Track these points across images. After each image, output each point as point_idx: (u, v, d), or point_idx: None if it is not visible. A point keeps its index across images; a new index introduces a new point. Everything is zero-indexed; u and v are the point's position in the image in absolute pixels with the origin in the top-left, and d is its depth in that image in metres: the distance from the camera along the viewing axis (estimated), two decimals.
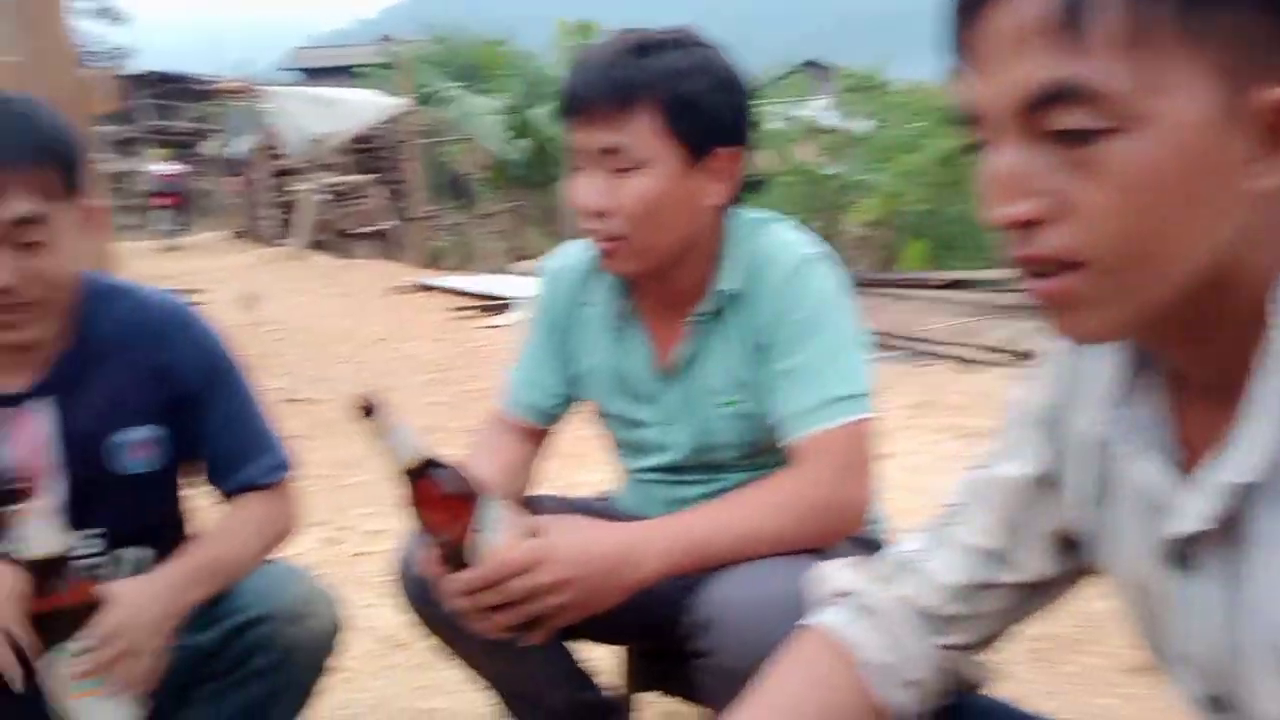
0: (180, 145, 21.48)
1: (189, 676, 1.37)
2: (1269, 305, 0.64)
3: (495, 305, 7.15)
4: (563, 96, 1.29)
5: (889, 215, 13.62)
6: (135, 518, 1.40)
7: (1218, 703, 0.72)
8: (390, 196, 14.80)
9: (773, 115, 14.32)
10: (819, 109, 18.02)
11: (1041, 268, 0.64)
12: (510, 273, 11.92)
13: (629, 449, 1.50)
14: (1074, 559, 0.87)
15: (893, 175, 14.08)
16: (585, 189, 1.28)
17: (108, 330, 1.38)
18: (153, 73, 28.34)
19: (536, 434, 1.52)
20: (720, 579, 1.21)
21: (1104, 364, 0.76)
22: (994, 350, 6.15)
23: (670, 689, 1.70)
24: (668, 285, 1.36)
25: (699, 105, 1.26)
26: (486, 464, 1.42)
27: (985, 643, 0.92)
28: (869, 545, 1.42)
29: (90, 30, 28.47)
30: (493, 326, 6.52)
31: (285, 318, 7.25)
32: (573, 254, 1.49)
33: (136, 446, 1.38)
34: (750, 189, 1.38)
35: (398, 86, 15.27)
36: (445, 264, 15.01)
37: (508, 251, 16.33)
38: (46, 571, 1.15)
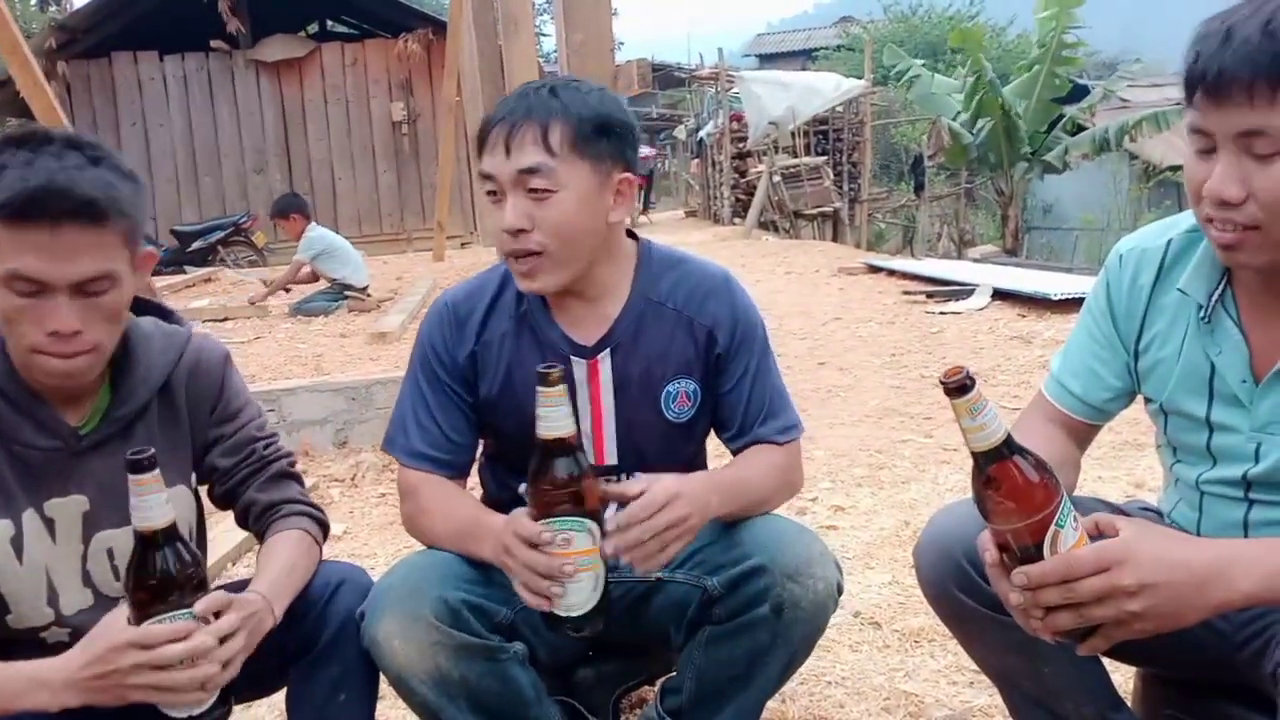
0: (653, 130, 23.34)
1: (699, 615, 1.49)
2: None
3: (948, 291, 6.92)
4: (1188, 72, 1.15)
5: None
6: (669, 460, 1.54)
7: None
8: (841, 178, 14.91)
9: None
10: None
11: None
12: (964, 258, 11.48)
13: (1195, 455, 1.35)
14: None
15: None
16: (1215, 177, 1.14)
17: (662, 293, 1.54)
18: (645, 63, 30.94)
19: (1081, 428, 1.43)
20: None
21: None
22: None
23: None
24: (1275, 274, 1.20)
25: None
26: (1026, 444, 1.37)
27: None
28: None
29: None
30: (948, 313, 6.32)
31: None
32: (1151, 235, 1.37)
33: (681, 397, 1.54)
34: None
35: (858, 68, 15.29)
36: (885, 246, 14.84)
37: (953, 235, 15.75)
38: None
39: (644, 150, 18.50)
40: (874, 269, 8.66)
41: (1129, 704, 1.57)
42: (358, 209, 13.45)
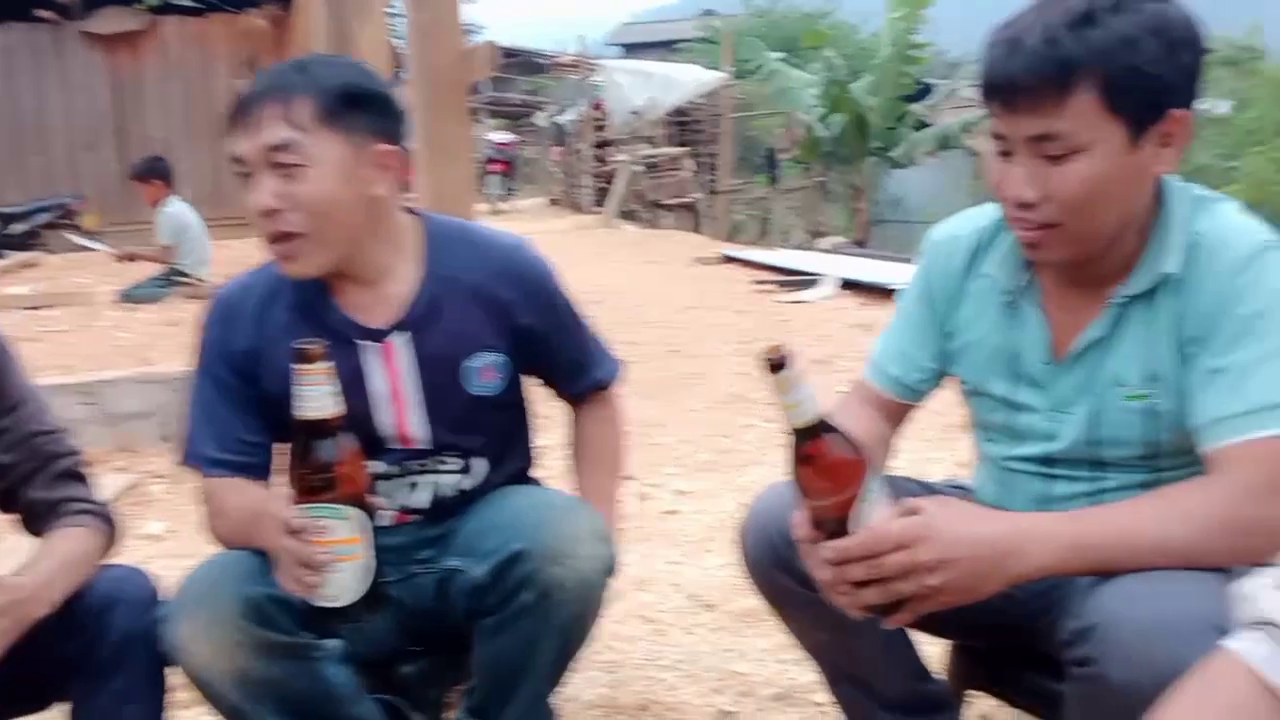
0: (513, 116, 23.09)
1: (471, 606, 1.42)
2: None
3: (798, 281, 7.10)
4: (984, 80, 1.19)
5: (1257, 206, 12.10)
6: (484, 434, 1.52)
7: None
8: (700, 169, 15.10)
9: None
10: None
11: None
12: (813, 248, 11.82)
13: (1001, 434, 1.41)
14: None
15: (1266, 160, 12.47)
16: (1013, 180, 1.19)
17: (455, 267, 1.49)
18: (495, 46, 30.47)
19: (897, 409, 1.48)
20: (1113, 586, 1.11)
21: None
22: None
23: (998, 691, 1.61)
24: (1083, 262, 1.25)
25: (1148, 74, 1.13)
26: (847, 428, 1.40)
27: None
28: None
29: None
30: (796, 302, 6.49)
31: (599, 282, 7.60)
32: (963, 222, 1.43)
33: (486, 370, 1.51)
34: None
35: (718, 60, 15.50)
36: (742, 237, 15.13)
37: (806, 227, 16.19)
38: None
39: (505, 137, 18.53)
40: (729, 259, 8.82)
41: (944, 675, 1.64)
42: (197, 190, 12.78)
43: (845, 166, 15.02)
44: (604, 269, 8.35)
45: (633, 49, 32.40)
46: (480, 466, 1.54)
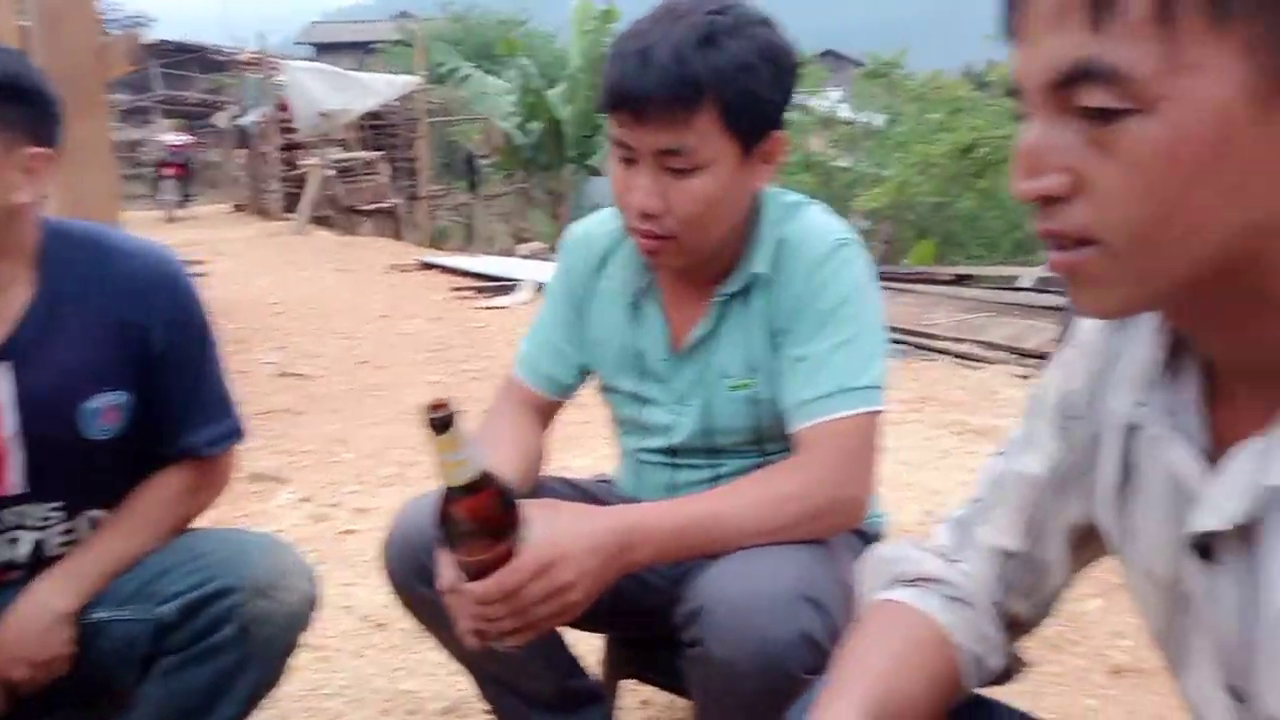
0: (192, 116, 21.45)
1: (151, 649, 1.34)
2: None
3: (496, 286, 7.11)
4: (610, 89, 1.20)
5: (896, 207, 13.52)
6: (101, 481, 1.37)
7: (1235, 692, 0.70)
8: (398, 174, 14.76)
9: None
10: (835, 100, 17.87)
11: (1061, 241, 0.63)
12: (513, 254, 11.89)
13: (632, 428, 1.47)
14: (1094, 550, 0.87)
15: (904, 166, 13.98)
16: (638, 190, 1.22)
17: (80, 286, 1.31)
18: (168, 42, 28.19)
19: (549, 406, 1.49)
20: (715, 568, 1.18)
21: (1142, 344, 0.75)
22: (996, 347, 6.10)
23: (650, 677, 1.68)
24: (694, 265, 1.31)
25: (760, 98, 1.20)
26: (501, 438, 1.39)
27: (1016, 637, 0.93)
28: (867, 538, 1.40)
29: None
30: (493, 308, 6.49)
31: (285, 292, 7.22)
32: (597, 223, 1.45)
33: (108, 412, 1.34)
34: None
35: (412, 64, 15.21)
36: (449, 244, 14.98)
37: (511, 233, 16.29)
38: None
39: (179, 138, 17.16)
40: (428, 266, 8.66)
41: (601, 666, 1.68)
42: None
43: (545, 173, 15.25)
44: (292, 278, 7.95)
45: (325, 49, 31.14)
46: (93, 518, 1.39)
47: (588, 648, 1.63)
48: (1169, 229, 0.60)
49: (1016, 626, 0.92)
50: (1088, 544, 0.87)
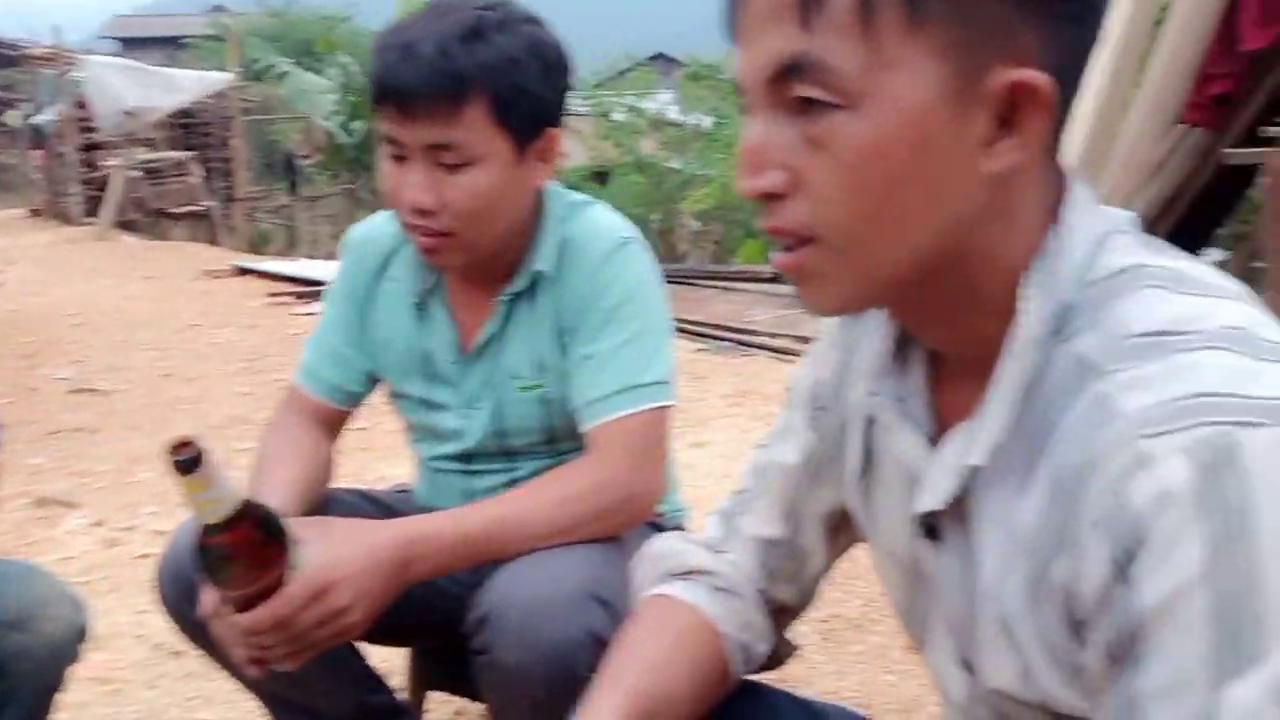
0: None
1: None
2: (1021, 289, 0.63)
3: (316, 291, 6.86)
4: (377, 83, 1.18)
5: (725, 208, 13.85)
6: None
7: (967, 665, 0.74)
8: (213, 176, 14.03)
9: (618, 107, 14.34)
10: (664, 102, 18.13)
11: (785, 239, 0.64)
12: (335, 257, 11.51)
13: (425, 435, 1.43)
14: (849, 535, 0.89)
15: (727, 167, 14.33)
16: (411, 187, 1.19)
17: None
18: None
19: (335, 416, 1.43)
20: (500, 574, 1.17)
21: (874, 336, 0.77)
22: (810, 341, 6.31)
23: (457, 688, 1.65)
24: (478, 264, 1.29)
25: (530, 93, 1.20)
26: (282, 454, 1.33)
27: (785, 622, 0.96)
28: (659, 531, 1.41)
29: None
30: (312, 314, 6.25)
31: (84, 302, 6.76)
32: (378, 225, 1.41)
33: None
34: (597, 180, 1.35)
35: (226, 60, 14.50)
36: (271, 248, 14.36)
37: (336, 236, 15.76)
38: None
39: None
40: (244, 271, 8.27)
41: (406, 680, 1.63)
42: None
43: (371, 174, 14.83)
44: (94, 287, 7.44)
45: (131, 44, 29.37)
46: None
47: (382, 657, 1.58)
48: (878, 226, 0.62)
49: (783, 612, 0.94)
50: (843, 530, 0.90)
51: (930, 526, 0.73)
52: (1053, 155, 0.66)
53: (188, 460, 0.92)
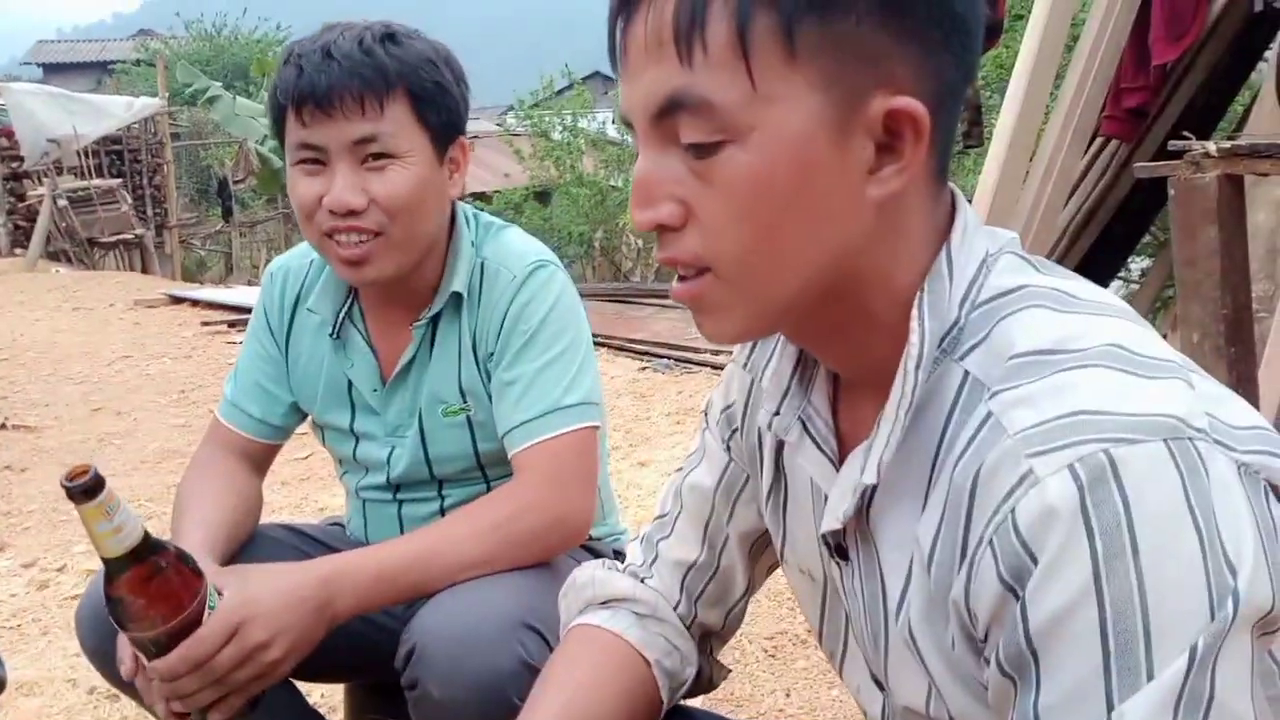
0: None
1: None
2: (912, 311, 0.65)
3: (246, 320, 6.75)
4: (292, 90, 1.18)
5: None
6: None
7: (878, 683, 0.75)
8: (144, 203, 13.76)
9: (557, 126, 14.33)
10: (603, 121, 18.16)
11: (681, 269, 0.65)
12: None
13: (351, 465, 1.42)
14: (770, 555, 0.90)
15: None
16: (337, 189, 1.19)
17: None
18: None
19: (262, 451, 1.41)
20: (427, 607, 1.16)
21: (777, 358, 0.78)
22: None
23: None
24: (393, 287, 1.29)
25: (447, 93, 1.24)
26: (205, 491, 1.31)
27: (714, 645, 0.96)
28: (595, 555, 1.41)
29: None
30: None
31: (11, 336, 6.57)
32: (296, 255, 1.41)
33: None
34: (539, 199, 1.37)
35: (155, 85, 14.24)
36: (207, 275, 14.11)
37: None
38: None
39: None
40: (177, 300, 8.11)
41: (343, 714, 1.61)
42: None
43: None
44: (20, 320, 7.24)
45: (55, 69, 28.72)
46: None
47: (323, 692, 1.56)
48: (769, 255, 0.63)
49: (710, 635, 0.95)
50: (764, 550, 0.91)
51: (838, 546, 0.74)
52: (939, 179, 0.67)
53: (84, 487, 0.90)
